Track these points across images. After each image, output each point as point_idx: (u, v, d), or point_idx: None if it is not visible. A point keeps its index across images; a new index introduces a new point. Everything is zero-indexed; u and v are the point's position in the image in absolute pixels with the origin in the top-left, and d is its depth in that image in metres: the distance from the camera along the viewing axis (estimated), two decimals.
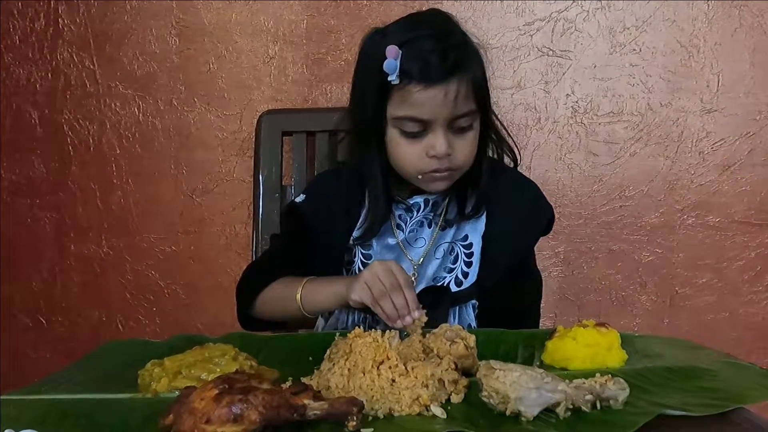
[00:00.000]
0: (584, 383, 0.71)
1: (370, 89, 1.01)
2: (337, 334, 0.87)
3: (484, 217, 1.11)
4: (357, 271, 1.11)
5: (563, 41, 1.51)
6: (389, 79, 0.96)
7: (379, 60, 0.97)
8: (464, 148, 1.02)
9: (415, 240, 1.11)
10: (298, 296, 1.00)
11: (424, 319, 0.88)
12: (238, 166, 1.55)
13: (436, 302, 1.07)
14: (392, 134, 1.02)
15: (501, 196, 1.10)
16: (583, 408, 0.70)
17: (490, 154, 1.11)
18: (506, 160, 1.15)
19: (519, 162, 1.15)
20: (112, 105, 1.54)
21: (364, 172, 1.07)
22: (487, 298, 1.11)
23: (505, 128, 1.11)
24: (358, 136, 1.07)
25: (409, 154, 1.01)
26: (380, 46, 0.97)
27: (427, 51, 0.97)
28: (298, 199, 1.13)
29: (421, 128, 0.99)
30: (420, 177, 1.03)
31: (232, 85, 1.53)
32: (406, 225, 1.11)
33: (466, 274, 1.11)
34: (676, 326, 1.58)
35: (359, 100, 1.05)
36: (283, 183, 1.36)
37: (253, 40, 1.52)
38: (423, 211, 1.10)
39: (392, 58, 0.95)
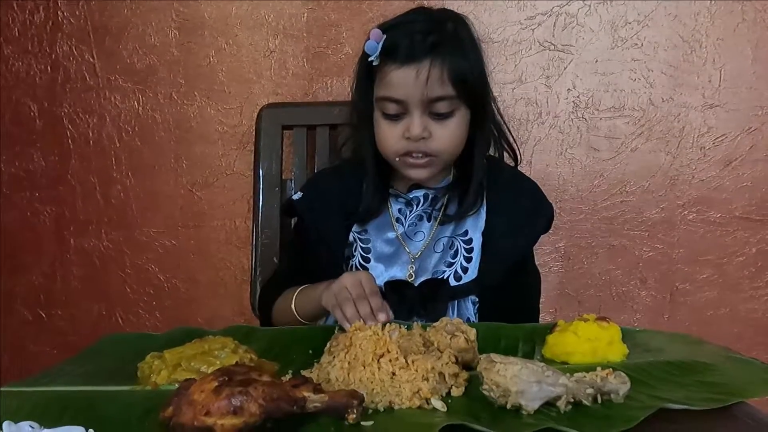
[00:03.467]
0: (585, 377, 0.71)
1: (361, 73, 1.06)
2: (337, 327, 0.87)
3: (483, 214, 1.11)
4: (357, 265, 1.12)
5: (565, 36, 1.50)
6: (370, 59, 1.01)
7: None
8: (442, 134, 1.03)
9: (415, 234, 1.12)
10: (293, 306, 1.04)
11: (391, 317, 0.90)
12: (238, 159, 1.54)
13: (435, 295, 1.08)
14: (376, 116, 1.06)
15: (501, 194, 1.11)
16: (584, 402, 0.70)
17: (492, 152, 1.12)
18: (507, 159, 1.15)
19: (520, 161, 1.16)
20: (112, 98, 1.54)
21: (364, 157, 1.10)
22: (487, 295, 1.11)
23: (507, 127, 1.12)
24: (356, 121, 1.11)
25: (388, 135, 1.04)
26: None
27: (408, 32, 1.00)
28: (295, 197, 1.15)
29: (400, 110, 1.02)
30: (397, 159, 1.05)
31: (232, 79, 1.53)
32: (405, 219, 1.12)
33: (465, 269, 1.11)
34: (677, 322, 1.57)
35: (355, 86, 1.10)
36: (283, 177, 1.36)
37: (254, 34, 1.51)
38: (422, 205, 1.11)
39: (374, 39, 1.00)
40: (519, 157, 1.15)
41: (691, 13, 1.49)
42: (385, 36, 0.99)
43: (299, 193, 1.15)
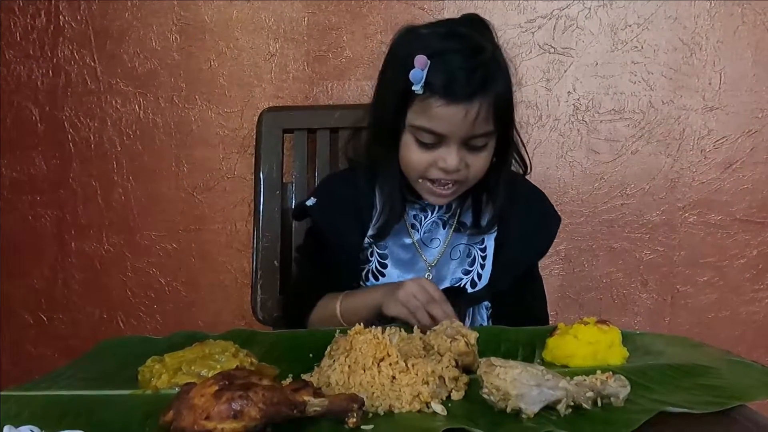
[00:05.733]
0: (585, 380, 0.71)
1: (394, 92, 1.01)
2: (338, 331, 0.87)
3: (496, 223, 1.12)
4: (374, 270, 1.12)
5: (565, 38, 1.50)
6: (413, 88, 0.96)
7: (406, 64, 0.97)
8: (476, 165, 1.02)
9: (431, 240, 1.12)
10: (338, 312, 1.04)
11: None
12: (239, 163, 1.54)
13: (454, 303, 1.08)
14: (407, 139, 1.02)
15: (513, 204, 1.11)
16: (584, 405, 0.70)
17: None
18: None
19: (529, 171, 1.16)
20: (113, 102, 1.54)
21: (381, 169, 1.08)
22: (499, 301, 1.13)
23: (520, 138, 1.11)
24: (377, 133, 1.08)
25: (418, 161, 1.02)
26: (410, 49, 0.98)
27: (454, 67, 0.96)
28: (308, 203, 1.13)
29: (436, 140, 1.00)
30: (420, 181, 1.04)
31: (233, 83, 1.53)
32: (421, 225, 1.12)
33: (480, 276, 1.12)
34: (677, 325, 1.57)
35: (382, 99, 1.06)
36: (283, 180, 1.36)
37: (254, 38, 1.52)
38: (438, 211, 1.11)
39: (420, 68, 0.95)
40: (529, 167, 1.15)
41: (691, 15, 1.49)
42: (429, 63, 0.95)
43: (312, 198, 1.13)
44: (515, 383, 0.67)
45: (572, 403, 0.69)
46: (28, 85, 1.54)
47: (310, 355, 0.85)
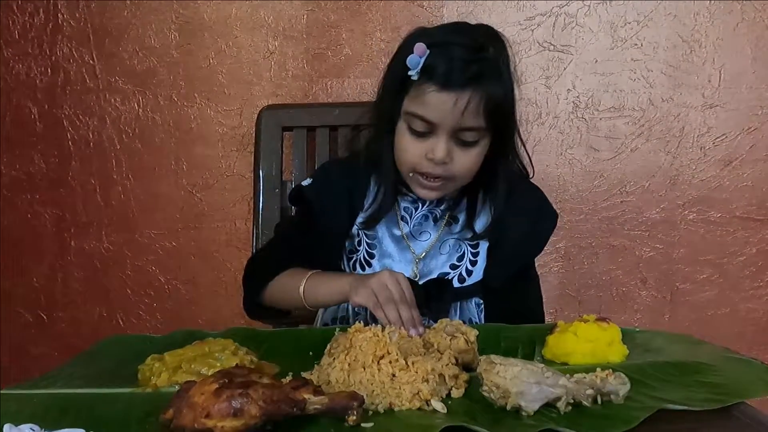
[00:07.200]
0: (585, 378, 0.71)
1: (394, 80, 1.04)
2: (338, 329, 0.87)
3: (491, 219, 1.12)
4: (362, 260, 1.12)
5: (564, 36, 1.50)
6: (409, 73, 0.99)
7: (407, 55, 0.99)
8: (464, 161, 1.03)
9: (420, 233, 1.12)
10: (301, 289, 1.02)
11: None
12: (239, 161, 1.54)
13: (440, 295, 1.08)
14: (401, 127, 1.04)
15: (509, 201, 1.11)
16: (584, 403, 0.70)
17: None
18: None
19: (532, 176, 1.15)
20: (112, 100, 1.54)
21: (378, 161, 1.09)
22: (493, 299, 1.12)
23: (524, 145, 1.11)
24: (376, 123, 1.10)
25: (409, 150, 1.03)
26: (415, 42, 1.00)
27: (453, 57, 0.98)
28: (304, 183, 1.15)
29: (428, 129, 1.01)
30: (411, 175, 1.05)
31: (232, 81, 1.53)
32: (411, 217, 1.12)
33: (470, 272, 1.12)
34: (677, 322, 1.58)
35: (383, 89, 1.08)
36: (283, 178, 1.36)
37: (253, 35, 1.51)
38: (429, 205, 1.11)
39: (418, 54, 0.98)
40: (532, 172, 1.15)
41: (690, 12, 1.49)
42: (428, 52, 0.97)
43: (309, 179, 1.15)
44: (515, 381, 0.68)
45: (572, 401, 0.69)
46: (27, 83, 1.53)
47: (310, 353, 0.85)
